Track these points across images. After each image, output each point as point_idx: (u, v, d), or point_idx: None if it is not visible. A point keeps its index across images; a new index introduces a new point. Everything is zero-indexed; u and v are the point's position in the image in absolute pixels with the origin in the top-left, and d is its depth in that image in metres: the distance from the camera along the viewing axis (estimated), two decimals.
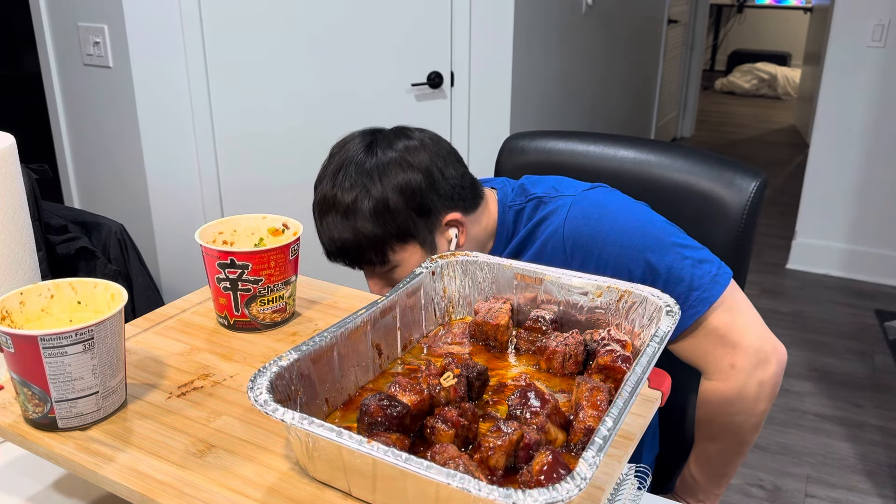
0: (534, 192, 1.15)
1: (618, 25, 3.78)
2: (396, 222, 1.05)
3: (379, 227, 1.04)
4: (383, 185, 1.04)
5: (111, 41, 2.07)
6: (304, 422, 0.58)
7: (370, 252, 1.06)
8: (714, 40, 8.39)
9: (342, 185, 1.05)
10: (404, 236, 1.06)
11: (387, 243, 1.06)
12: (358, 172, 1.05)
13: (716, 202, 1.24)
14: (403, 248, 1.07)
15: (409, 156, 1.06)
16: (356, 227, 1.04)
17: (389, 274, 1.10)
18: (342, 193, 1.04)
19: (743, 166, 1.26)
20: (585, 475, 0.52)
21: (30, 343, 0.67)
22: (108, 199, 2.32)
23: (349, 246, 1.06)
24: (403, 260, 1.08)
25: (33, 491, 0.82)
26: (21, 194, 0.98)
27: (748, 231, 1.25)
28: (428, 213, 1.07)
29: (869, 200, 3.48)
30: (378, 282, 1.12)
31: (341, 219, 1.05)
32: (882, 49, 3.28)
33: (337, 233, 1.06)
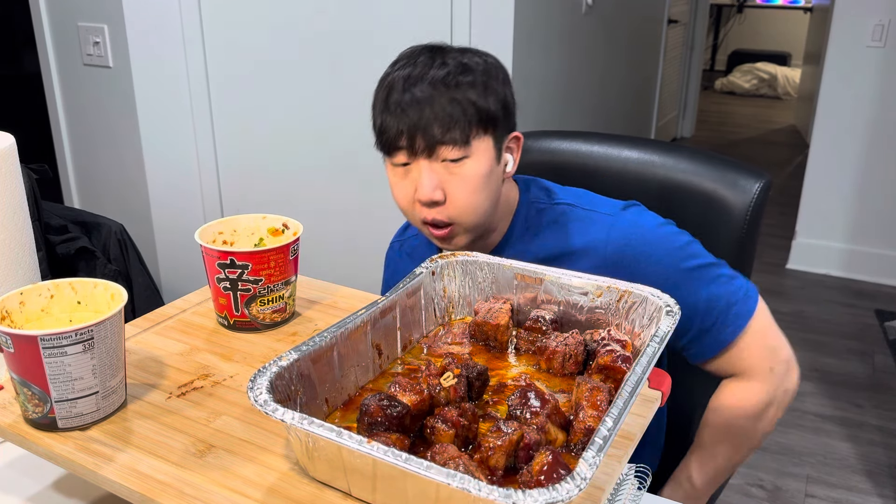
0: (563, 198, 1.13)
1: (618, 25, 3.77)
2: (491, 105, 1.02)
3: (480, 98, 1.01)
4: (490, 61, 1.05)
5: (111, 41, 2.07)
6: (304, 422, 0.58)
7: (457, 127, 1.00)
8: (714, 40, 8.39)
9: (449, 53, 1.04)
10: (489, 122, 1.03)
11: (475, 122, 1.01)
12: (455, 50, 1.05)
13: (719, 203, 1.23)
14: (482, 137, 1.03)
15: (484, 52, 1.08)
16: (457, 92, 1.00)
17: (455, 167, 1.02)
18: (450, 56, 1.03)
19: (747, 167, 1.26)
20: (585, 475, 0.52)
21: (30, 343, 0.67)
22: (108, 199, 2.32)
23: (437, 116, 1.00)
24: (476, 152, 1.02)
25: (33, 491, 0.82)
26: (21, 194, 0.98)
27: (751, 232, 1.24)
28: (508, 115, 1.06)
29: (869, 200, 3.47)
30: (436, 174, 1.02)
31: (441, 85, 1.00)
32: (882, 49, 3.28)
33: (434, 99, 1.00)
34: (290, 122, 2.29)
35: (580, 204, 1.11)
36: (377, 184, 2.47)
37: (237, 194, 2.27)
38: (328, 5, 2.22)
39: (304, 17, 2.20)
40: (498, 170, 1.06)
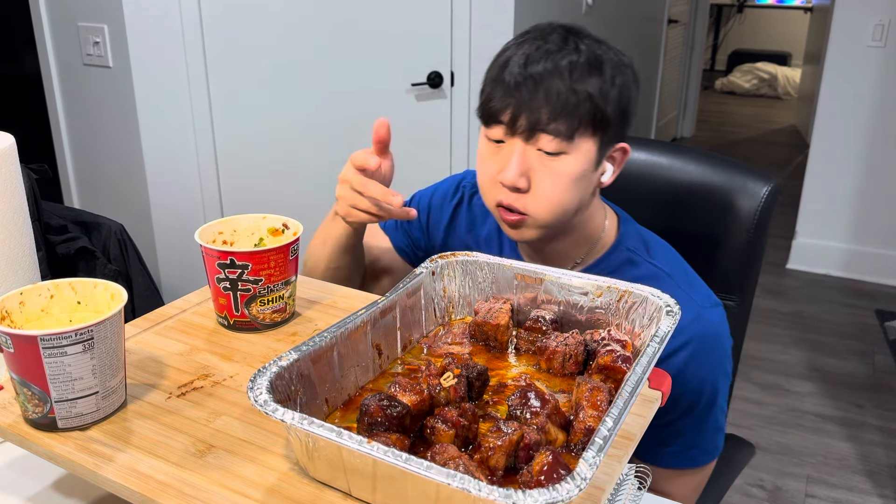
0: (659, 262, 1.05)
1: (618, 25, 3.77)
2: (609, 107, 0.94)
3: (600, 96, 0.93)
4: (626, 61, 0.97)
5: (111, 41, 2.07)
6: (304, 422, 0.58)
7: (566, 118, 0.92)
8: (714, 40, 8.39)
9: (584, 40, 0.96)
10: (601, 124, 0.94)
11: (586, 119, 0.93)
12: (593, 39, 0.97)
13: (727, 206, 1.22)
14: (588, 138, 0.95)
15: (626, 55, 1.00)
16: (578, 82, 0.92)
17: (549, 159, 0.95)
18: (584, 43, 0.95)
19: (755, 170, 1.24)
20: (585, 475, 0.52)
21: (30, 343, 0.67)
22: (108, 199, 2.33)
23: (549, 101, 0.92)
24: (576, 151, 0.95)
25: (33, 491, 0.82)
26: (21, 194, 0.98)
27: (759, 236, 1.23)
28: (623, 123, 0.98)
29: (869, 200, 3.48)
30: (527, 160, 0.96)
31: (564, 70, 0.92)
32: (882, 49, 3.28)
33: (552, 82, 0.92)
34: (290, 122, 2.29)
35: (675, 276, 1.03)
36: None
37: (237, 194, 2.27)
38: (328, 6, 2.22)
39: (304, 17, 2.20)
40: (592, 176, 0.99)
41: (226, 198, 2.27)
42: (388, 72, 2.35)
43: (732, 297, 1.25)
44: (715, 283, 1.24)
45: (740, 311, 1.26)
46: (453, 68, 2.41)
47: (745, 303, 1.27)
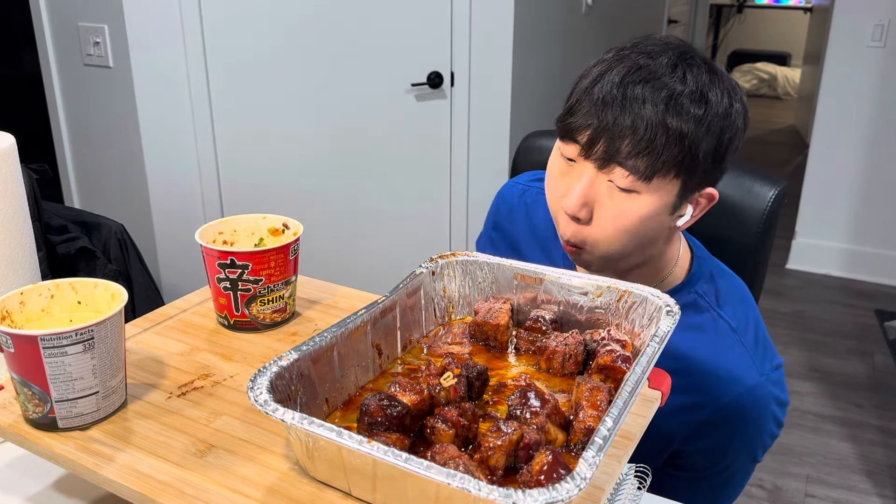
0: (727, 315, 0.96)
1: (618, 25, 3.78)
2: (703, 150, 0.84)
3: (696, 137, 0.82)
4: (735, 104, 0.86)
5: (111, 41, 2.07)
6: (304, 422, 0.58)
7: (649, 156, 0.82)
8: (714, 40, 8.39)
9: (695, 69, 0.84)
10: (688, 168, 0.84)
11: (672, 161, 0.83)
12: (706, 69, 0.85)
13: (733, 209, 1.21)
14: (670, 180, 0.84)
15: (743, 96, 0.89)
16: (676, 118, 0.82)
17: (619, 195, 0.86)
18: (695, 74, 0.84)
19: (762, 173, 1.23)
20: (585, 475, 0.52)
21: (30, 343, 0.67)
22: (108, 199, 2.33)
23: (635, 132, 0.82)
24: (652, 192, 0.85)
25: (33, 491, 0.82)
26: (21, 194, 0.98)
27: (765, 239, 1.22)
28: (713, 169, 0.87)
29: (869, 200, 3.48)
30: (595, 191, 0.87)
31: (662, 101, 0.82)
32: (882, 49, 3.28)
33: (644, 111, 0.82)
34: (290, 122, 2.29)
35: (741, 333, 0.95)
36: (377, 184, 2.47)
37: (237, 194, 2.27)
38: (329, 6, 2.22)
39: (304, 17, 2.20)
40: (665, 220, 0.89)
41: (226, 198, 2.27)
42: (388, 72, 2.35)
43: None
44: None
45: None
46: (453, 68, 2.41)
47: None
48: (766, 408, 0.96)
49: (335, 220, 2.46)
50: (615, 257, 0.91)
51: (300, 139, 2.32)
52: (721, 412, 0.93)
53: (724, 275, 1.02)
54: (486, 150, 2.53)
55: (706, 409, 0.93)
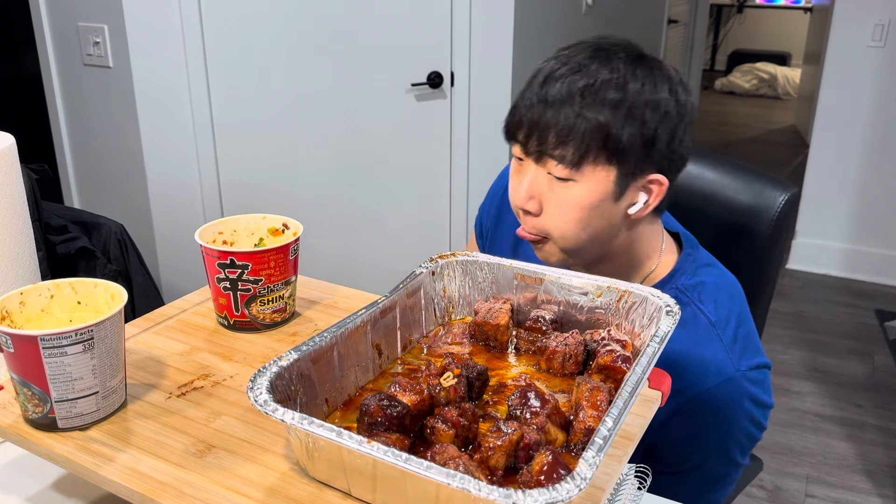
0: (708, 309, 0.98)
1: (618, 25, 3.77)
2: (626, 135, 0.88)
3: (616, 123, 0.88)
4: (646, 85, 0.89)
5: (111, 41, 2.07)
6: (304, 422, 0.58)
7: (572, 145, 0.88)
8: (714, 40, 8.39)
9: (615, 60, 0.90)
10: (616, 153, 0.89)
11: (596, 147, 0.89)
12: (628, 60, 0.90)
13: (741, 213, 1.19)
14: (601, 166, 0.90)
15: (679, 84, 0.92)
16: (591, 108, 0.88)
17: (558, 185, 0.92)
18: (613, 65, 0.89)
19: (773, 178, 1.21)
20: (585, 475, 0.52)
21: (30, 343, 0.67)
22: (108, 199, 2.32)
23: (557, 125, 0.89)
24: (586, 179, 0.91)
25: (33, 491, 0.82)
26: (21, 194, 0.98)
27: (774, 245, 1.19)
28: (648, 154, 0.91)
29: (869, 200, 3.48)
30: (538, 184, 0.94)
31: (578, 94, 0.88)
32: (882, 49, 3.28)
33: (563, 106, 0.89)
34: (290, 122, 2.29)
35: (720, 328, 0.96)
36: (377, 184, 2.47)
37: (237, 194, 2.27)
38: (328, 6, 2.22)
39: (304, 17, 2.20)
40: (613, 207, 0.93)
41: (226, 198, 2.27)
42: (389, 72, 2.35)
43: None
44: None
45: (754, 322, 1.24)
46: (453, 68, 2.41)
47: (758, 315, 1.22)
48: (739, 404, 0.95)
49: (335, 220, 2.45)
50: (574, 248, 0.96)
51: (300, 139, 2.32)
52: (691, 403, 0.94)
53: (713, 271, 1.03)
54: (486, 150, 2.53)
55: (677, 398, 0.93)
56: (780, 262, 1.25)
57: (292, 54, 2.22)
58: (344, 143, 2.37)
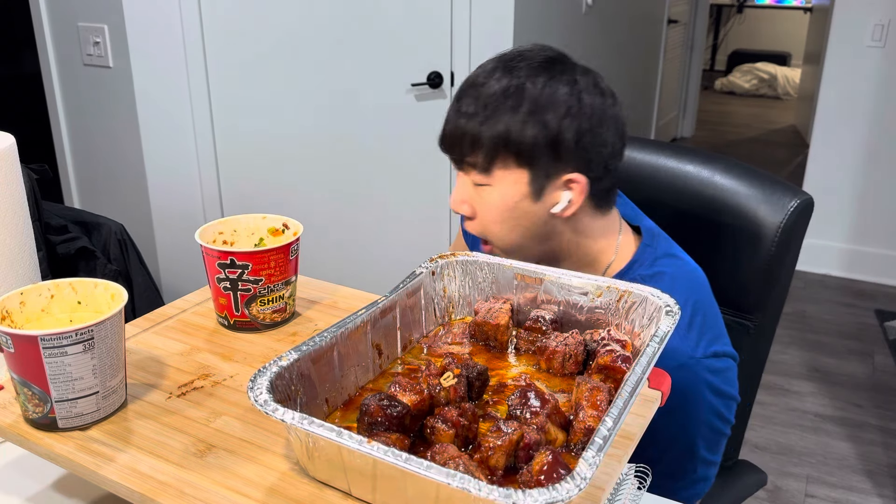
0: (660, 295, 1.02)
1: (618, 25, 3.78)
2: (529, 137, 0.93)
3: (517, 127, 0.93)
4: (545, 88, 0.94)
5: (111, 41, 2.07)
6: (304, 422, 0.58)
7: (480, 152, 0.95)
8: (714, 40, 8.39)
9: (517, 70, 0.95)
10: (524, 155, 0.95)
11: (502, 151, 0.95)
12: (529, 67, 0.95)
13: (748, 219, 1.14)
14: (512, 169, 0.96)
15: (589, 85, 0.96)
16: (494, 115, 0.94)
17: (480, 189, 0.99)
18: (516, 73, 0.95)
19: (784, 184, 1.16)
20: (585, 475, 0.52)
21: (30, 343, 0.67)
22: (108, 199, 2.33)
23: (466, 135, 0.96)
24: (499, 182, 0.97)
25: (33, 491, 0.82)
26: (21, 194, 0.98)
27: (783, 254, 1.13)
28: (557, 153, 0.95)
29: (869, 200, 3.48)
30: (465, 190, 1.01)
31: (482, 104, 0.95)
32: (882, 49, 3.28)
33: (471, 111, 0.96)
34: (290, 122, 2.29)
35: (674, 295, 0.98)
36: (377, 184, 2.47)
37: (237, 194, 2.27)
38: (328, 6, 2.22)
39: (304, 17, 2.20)
40: (535, 207, 0.98)
41: (226, 198, 2.27)
42: (388, 72, 2.35)
43: (749, 317, 1.18)
44: (730, 299, 1.17)
45: (758, 333, 1.19)
46: (453, 68, 2.41)
47: (765, 325, 1.20)
48: (697, 392, 0.96)
49: (335, 220, 2.45)
50: (509, 248, 1.02)
51: (300, 139, 2.32)
52: None
53: (673, 261, 1.05)
54: None
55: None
56: (790, 269, 1.19)
57: (292, 54, 2.22)
58: (344, 143, 2.37)
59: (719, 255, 1.18)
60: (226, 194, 2.26)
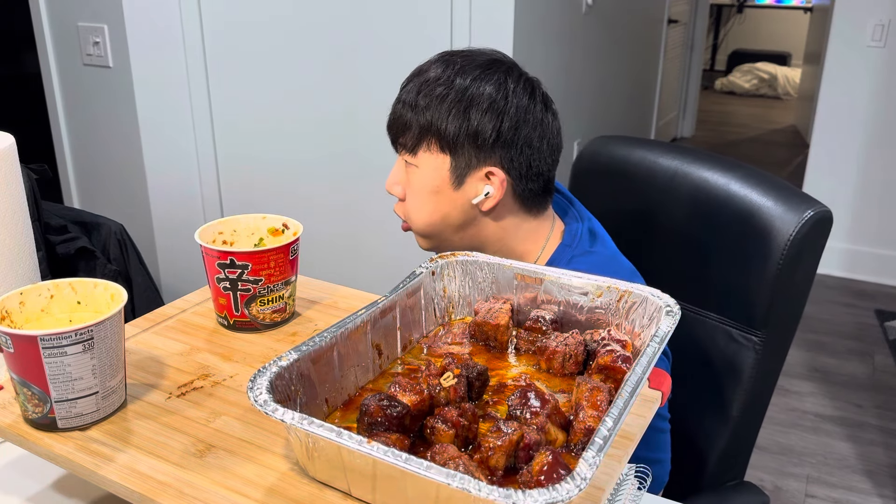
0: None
1: (618, 25, 3.77)
2: (452, 128, 1.01)
3: (442, 117, 1.01)
4: (473, 83, 1.02)
5: (111, 41, 2.07)
6: (304, 422, 0.58)
7: (409, 133, 1.05)
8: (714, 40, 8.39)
9: (452, 65, 1.04)
10: (446, 144, 1.03)
11: (426, 136, 1.03)
12: (465, 63, 1.04)
13: (757, 229, 1.09)
14: (435, 154, 1.04)
15: (519, 88, 1.04)
16: (424, 101, 1.02)
17: (409, 170, 1.07)
18: (450, 68, 1.03)
19: (800, 195, 1.10)
20: (585, 475, 0.52)
21: (29, 343, 0.67)
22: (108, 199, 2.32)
23: (399, 118, 1.06)
24: (423, 165, 1.05)
25: (33, 491, 0.82)
26: (21, 194, 0.98)
27: (792, 268, 1.07)
28: (477, 146, 1.02)
29: (869, 200, 3.47)
30: (399, 172, 1.10)
31: (416, 91, 1.04)
32: (882, 49, 3.28)
33: (408, 97, 1.05)
34: (290, 123, 2.29)
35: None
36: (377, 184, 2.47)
37: (237, 194, 2.27)
38: (328, 6, 2.22)
39: (304, 17, 2.20)
40: (456, 195, 1.05)
41: (226, 198, 2.27)
42: (388, 72, 2.35)
43: (755, 332, 1.13)
44: (737, 312, 1.14)
45: (765, 351, 1.13)
46: None
47: (772, 342, 1.14)
48: None
49: (335, 220, 2.45)
50: (427, 233, 1.09)
51: (300, 139, 2.32)
52: None
53: (588, 257, 1.08)
54: None
55: None
56: (803, 285, 1.11)
57: (292, 54, 2.22)
58: (344, 143, 2.37)
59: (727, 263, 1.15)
60: (226, 194, 2.26)
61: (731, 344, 1.16)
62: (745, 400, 1.16)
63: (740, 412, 1.17)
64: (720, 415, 1.18)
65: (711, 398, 1.12)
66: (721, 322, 1.18)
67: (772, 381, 1.20)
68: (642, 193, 1.25)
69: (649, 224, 1.27)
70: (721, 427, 1.18)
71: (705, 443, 1.20)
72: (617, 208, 1.30)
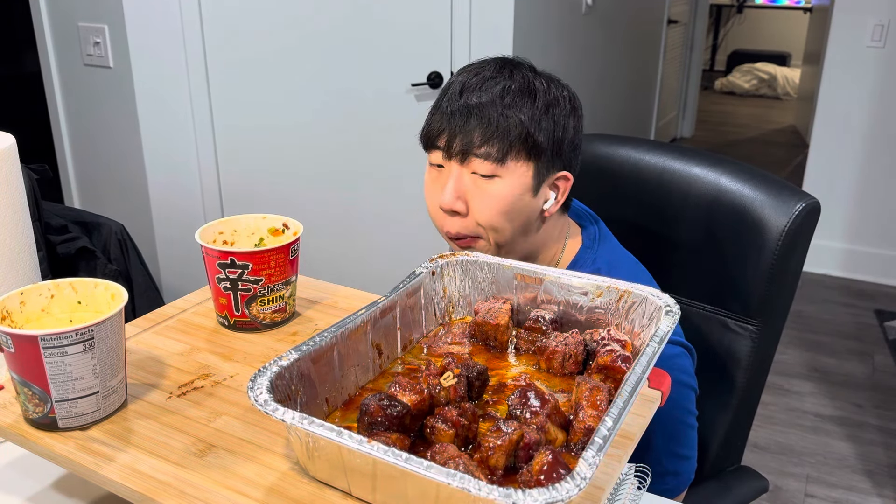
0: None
1: (618, 25, 3.78)
2: (541, 134, 0.98)
3: (532, 123, 0.97)
4: (563, 93, 1.01)
5: (111, 41, 2.07)
6: (304, 422, 0.58)
7: (497, 141, 0.97)
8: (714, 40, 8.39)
9: (520, 70, 1.01)
10: (533, 150, 0.98)
11: (517, 143, 0.97)
12: (529, 69, 1.02)
13: (752, 221, 1.12)
14: (522, 162, 0.99)
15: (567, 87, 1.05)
16: (511, 109, 0.97)
17: (484, 182, 0.99)
18: (520, 73, 1.00)
19: (789, 187, 1.14)
20: (585, 475, 0.52)
21: (30, 343, 0.67)
22: (108, 199, 2.32)
23: (482, 125, 0.97)
24: (509, 174, 0.98)
25: (33, 491, 0.82)
26: (21, 194, 0.98)
27: (787, 258, 1.11)
28: (559, 152, 1.01)
29: (869, 200, 3.47)
30: (460, 184, 1.00)
31: (497, 97, 0.98)
32: (882, 49, 3.28)
33: (485, 108, 0.97)
34: (290, 122, 2.29)
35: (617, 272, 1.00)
36: (377, 184, 2.47)
37: (237, 194, 2.27)
38: (329, 6, 2.22)
39: (304, 17, 2.20)
40: (532, 202, 1.01)
41: (226, 198, 2.27)
42: (388, 72, 2.35)
43: (752, 321, 1.17)
44: (733, 303, 1.17)
45: (761, 338, 1.18)
46: (453, 68, 2.41)
47: (768, 330, 1.19)
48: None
49: (335, 220, 2.45)
50: (505, 241, 1.03)
51: (300, 139, 2.32)
52: None
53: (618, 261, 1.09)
54: None
55: None
56: (795, 274, 1.16)
57: (292, 54, 2.22)
58: (344, 143, 2.37)
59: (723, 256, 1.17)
60: (226, 194, 2.26)
61: (727, 333, 1.19)
62: (744, 386, 1.20)
63: (739, 398, 1.20)
64: (720, 403, 1.20)
65: (711, 388, 1.14)
66: (716, 313, 1.21)
67: (767, 365, 1.24)
68: (634, 191, 1.27)
69: (644, 221, 1.29)
70: (721, 415, 1.21)
71: (708, 431, 1.22)
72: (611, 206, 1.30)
